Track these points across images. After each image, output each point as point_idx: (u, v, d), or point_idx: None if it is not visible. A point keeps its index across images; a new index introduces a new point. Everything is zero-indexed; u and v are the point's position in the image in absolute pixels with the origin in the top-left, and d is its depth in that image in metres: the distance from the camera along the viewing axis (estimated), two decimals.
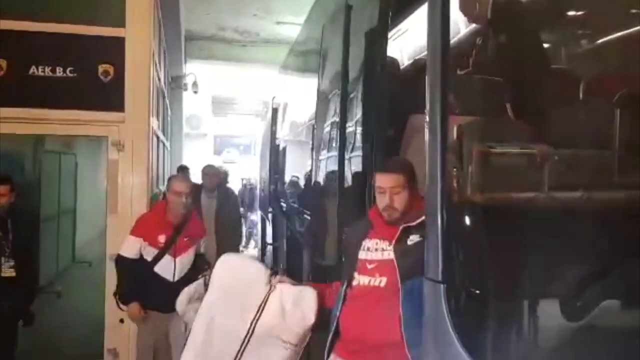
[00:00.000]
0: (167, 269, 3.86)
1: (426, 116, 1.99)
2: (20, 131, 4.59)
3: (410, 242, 2.37)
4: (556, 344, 1.77)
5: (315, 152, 4.53)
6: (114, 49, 4.65)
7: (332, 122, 3.93)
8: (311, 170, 4.60)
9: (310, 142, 4.78)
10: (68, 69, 4.56)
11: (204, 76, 14.13)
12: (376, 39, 2.95)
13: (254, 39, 12.78)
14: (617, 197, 1.75)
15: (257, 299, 2.66)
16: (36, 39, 4.53)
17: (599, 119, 1.84)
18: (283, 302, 2.65)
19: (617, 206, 1.73)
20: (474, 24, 2.28)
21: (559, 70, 2.20)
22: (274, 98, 8.81)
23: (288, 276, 2.86)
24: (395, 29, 3.25)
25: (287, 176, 6.57)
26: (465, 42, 2.29)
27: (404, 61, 3.57)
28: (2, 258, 3.90)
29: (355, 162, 3.27)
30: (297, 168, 5.74)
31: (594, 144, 1.85)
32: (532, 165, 1.91)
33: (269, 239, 8.78)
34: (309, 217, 4.84)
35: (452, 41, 2.08)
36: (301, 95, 5.92)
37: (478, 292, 1.82)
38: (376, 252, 2.49)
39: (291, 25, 10.39)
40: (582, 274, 1.77)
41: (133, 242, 3.89)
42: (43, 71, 4.53)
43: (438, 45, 1.94)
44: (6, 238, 3.93)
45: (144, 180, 4.77)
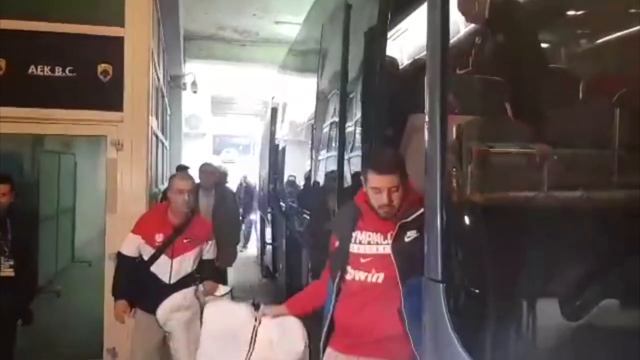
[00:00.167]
0: (163, 270, 3.75)
1: (425, 116, 2.00)
2: (19, 131, 4.58)
3: (407, 239, 2.36)
4: (555, 344, 1.77)
5: (314, 152, 4.54)
6: (113, 49, 4.64)
7: (332, 122, 3.93)
8: (310, 170, 4.61)
9: (309, 142, 4.78)
10: (67, 69, 4.56)
11: (203, 76, 14.12)
12: (375, 39, 2.95)
13: (253, 39, 12.78)
14: (616, 197, 1.76)
15: (247, 336, 2.79)
16: (35, 39, 4.52)
17: (598, 119, 1.84)
18: (270, 335, 2.77)
19: (616, 206, 1.73)
20: (473, 24, 2.28)
21: (557, 69, 2.20)
22: (273, 98, 8.81)
23: (288, 276, 2.87)
24: (394, 29, 3.25)
25: (287, 176, 6.57)
26: (464, 42, 2.29)
27: (404, 61, 3.57)
28: (2, 258, 3.89)
29: (354, 162, 3.27)
30: (297, 168, 5.74)
31: (593, 144, 1.85)
32: (531, 164, 1.91)
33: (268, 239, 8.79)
34: (309, 217, 4.84)
35: (452, 41, 2.08)
36: (300, 95, 5.93)
37: (477, 292, 1.83)
38: (370, 246, 2.46)
39: (290, 24, 10.39)
40: (581, 274, 1.77)
41: (132, 240, 3.81)
42: (42, 71, 4.52)
43: (437, 44, 1.94)
44: (5, 238, 3.93)
45: (143, 179, 4.77)
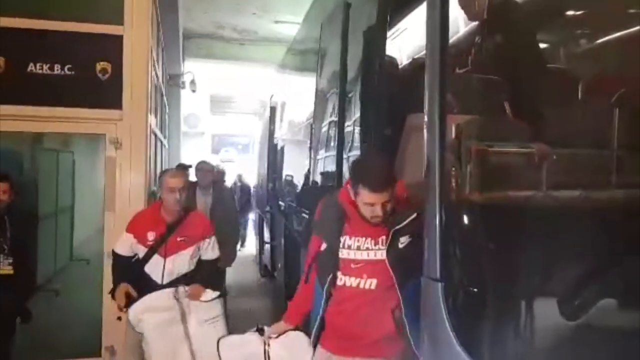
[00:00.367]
0: (156, 270, 3.69)
1: (424, 115, 2.00)
2: (18, 129, 4.57)
3: (402, 245, 2.33)
4: (554, 343, 1.78)
5: (313, 151, 4.54)
6: (112, 47, 4.63)
7: (331, 121, 3.93)
8: (309, 169, 4.61)
9: (308, 141, 4.78)
10: (66, 67, 4.55)
11: (202, 75, 14.10)
12: (375, 38, 2.95)
13: (253, 38, 12.77)
14: (615, 197, 1.76)
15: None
16: (34, 37, 4.51)
17: (597, 119, 1.84)
18: (281, 353, 2.76)
19: (615, 205, 1.73)
20: (473, 21, 2.29)
21: (556, 69, 2.21)
22: (272, 97, 8.81)
23: (286, 275, 2.86)
24: (394, 28, 3.25)
25: (285, 175, 6.57)
26: (464, 42, 2.29)
27: (403, 60, 3.58)
28: (0, 256, 3.90)
29: None
30: (295, 167, 5.73)
31: (592, 144, 1.85)
32: (530, 164, 1.92)
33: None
34: (307, 216, 4.84)
35: (451, 40, 2.08)
36: (299, 94, 5.92)
37: (476, 291, 1.83)
38: (360, 252, 2.43)
39: (290, 24, 10.39)
40: (580, 273, 1.78)
41: (125, 239, 3.77)
42: (41, 69, 4.51)
43: (437, 44, 1.94)
44: (4, 236, 3.93)
45: (142, 178, 4.76)
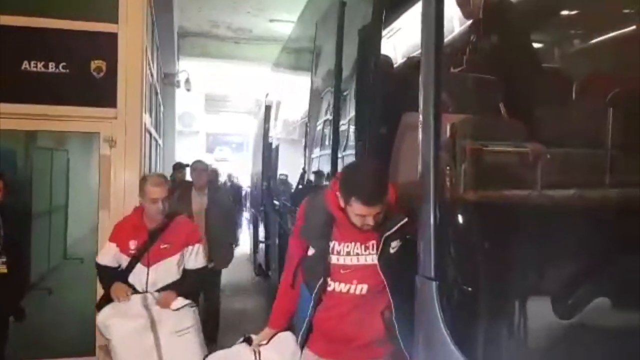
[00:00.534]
0: (139, 280, 3.50)
1: (419, 114, 2.00)
2: (12, 127, 4.54)
3: (392, 250, 2.31)
4: (547, 341, 1.78)
5: (308, 150, 4.54)
6: (107, 45, 4.61)
7: (325, 120, 3.93)
8: (304, 168, 4.60)
9: (303, 140, 4.78)
10: (61, 65, 4.53)
11: (197, 73, 14.11)
12: (370, 37, 2.95)
13: (248, 37, 12.78)
14: (608, 196, 1.77)
15: None
16: (28, 35, 4.49)
17: (591, 118, 1.85)
18: (271, 357, 2.73)
19: (608, 204, 1.74)
20: (468, 19, 2.29)
21: (551, 69, 2.22)
22: (267, 96, 8.80)
23: (280, 274, 2.83)
24: (389, 27, 3.25)
25: (280, 174, 6.57)
26: (459, 41, 2.29)
27: (398, 59, 3.58)
28: None
29: (348, 161, 3.27)
30: (290, 166, 5.73)
31: (585, 143, 1.86)
32: (524, 163, 1.92)
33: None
34: None
35: (446, 39, 2.09)
36: (294, 93, 5.92)
37: (470, 289, 1.83)
38: (349, 257, 2.40)
39: (285, 22, 10.39)
40: (573, 272, 1.78)
41: (107, 249, 3.62)
42: (35, 67, 4.49)
43: (432, 43, 1.95)
44: None
45: (136, 176, 4.73)
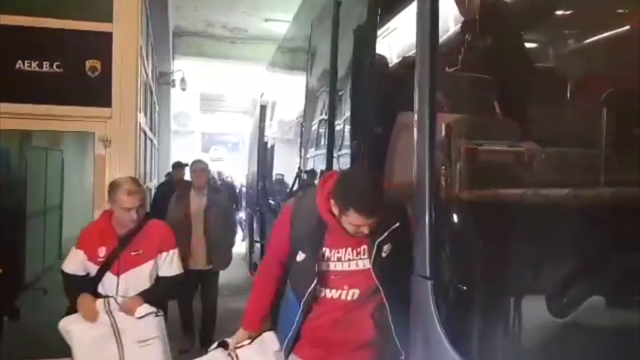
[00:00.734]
0: (109, 289, 3.27)
1: (415, 114, 2.00)
2: (6, 127, 4.52)
3: (384, 254, 2.29)
4: (542, 340, 1.79)
5: (303, 150, 4.53)
6: (102, 45, 4.60)
7: (321, 120, 3.92)
8: (299, 167, 4.60)
9: (298, 140, 4.78)
10: (55, 64, 4.51)
11: (192, 73, 14.08)
12: (365, 36, 2.95)
13: (243, 36, 12.76)
14: (603, 194, 1.77)
15: None
16: (23, 34, 4.47)
17: (586, 117, 1.85)
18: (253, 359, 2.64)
19: (603, 203, 1.74)
20: (465, 19, 2.29)
21: (546, 68, 2.22)
22: (263, 95, 8.79)
23: None
24: (384, 27, 3.25)
25: (275, 174, 6.56)
26: (454, 40, 2.30)
27: (393, 59, 3.58)
28: None
29: (343, 160, 3.27)
30: (286, 166, 5.73)
31: (580, 142, 1.86)
32: (519, 162, 1.92)
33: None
34: None
35: (441, 39, 2.09)
36: (290, 92, 5.91)
37: (465, 289, 1.83)
38: (341, 263, 2.37)
39: (280, 22, 10.38)
40: (568, 271, 1.79)
41: (74, 255, 3.37)
42: (30, 66, 4.48)
43: (427, 43, 1.95)
44: None
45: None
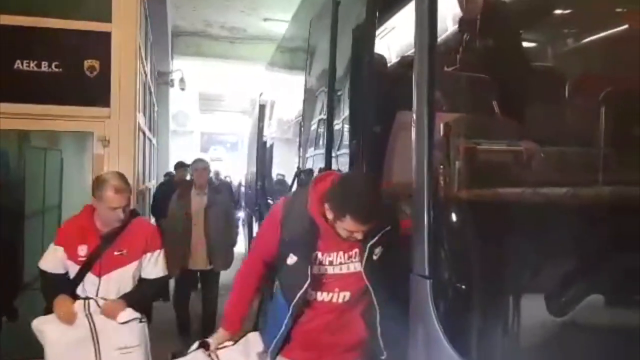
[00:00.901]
0: (90, 291, 3.09)
1: (413, 113, 2.00)
2: (4, 127, 4.52)
3: (375, 257, 2.30)
4: (541, 339, 1.79)
5: (302, 150, 4.53)
6: (100, 45, 4.60)
7: (320, 119, 3.92)
8: (298, 167, 4.60)
9: (297, 139, 4.78)
10: (54, 64, 4.51)
11: (191, 73, 14.08)
12: (364, 36, 2.95)
13: (242, 36, 12.76)
14: (602, 194, 1.77)
15: None
16: (21, 34, 4.47)
17: (584, 117, 1.85)
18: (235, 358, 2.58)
19: (602, 202, 1.75)
20: (466, 18, 2.29)
21: (545, 68, 2.22)
22: (261, 95, 8.79)
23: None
24: (382, 26, 3.25)
25: (274, 173, 6.56)
26: (452, 40, 2.30)
27: (392, 58, 3.58)
28: None
29: (342, 160, 3.27)
30: (285, 165, 5.72)
31: (579, 141, 1.86)
32: (518, 162, 1.93)
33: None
34: None
35: (440, 38, 2.09)
36: (289, 92, 5.91)
37: (464, 288, 1.84)
38: (332, 267, 2.36)
39: (279, 21, 10.38)
40: (567, 270, 1.79)
41: (52, 252, 3.17)
42: (28, 66, 4.48)
43: (425, 42, 1.95)
44: None
45: (130, 176, 4.70)
